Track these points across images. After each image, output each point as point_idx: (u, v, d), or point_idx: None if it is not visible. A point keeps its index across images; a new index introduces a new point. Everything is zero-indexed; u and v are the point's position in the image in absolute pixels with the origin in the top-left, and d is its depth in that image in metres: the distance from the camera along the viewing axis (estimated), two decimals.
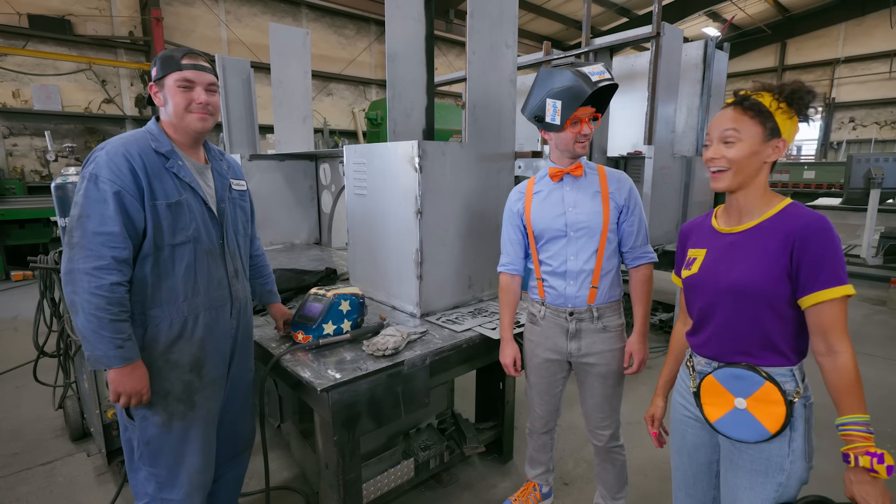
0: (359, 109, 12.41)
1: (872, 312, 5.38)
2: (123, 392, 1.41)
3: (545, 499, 2.31)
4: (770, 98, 1.20)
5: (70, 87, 8.62)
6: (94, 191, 1.38)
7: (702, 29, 15.87)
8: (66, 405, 2.84)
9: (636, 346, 1.86)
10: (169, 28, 9.34)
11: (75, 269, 1.35)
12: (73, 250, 1.36)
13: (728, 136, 1.22)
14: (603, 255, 1.82)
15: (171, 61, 1.49)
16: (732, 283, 1.24)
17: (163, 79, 1.50)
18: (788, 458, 1.22)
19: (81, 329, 1.37)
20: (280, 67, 4.02)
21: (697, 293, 1.35)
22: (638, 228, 1.83)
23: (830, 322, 1.14)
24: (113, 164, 1.40)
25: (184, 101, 1.50)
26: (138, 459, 1.54)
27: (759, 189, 1.25)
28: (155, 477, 1.54)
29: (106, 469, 2.53)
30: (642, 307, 1.87)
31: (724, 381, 1.26)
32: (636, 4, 14.34)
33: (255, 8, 10.67)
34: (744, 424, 1.23)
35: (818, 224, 1.15)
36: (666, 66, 3.87)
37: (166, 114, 1.53)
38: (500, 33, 2.44)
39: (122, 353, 1.37)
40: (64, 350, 2.73)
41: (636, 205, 1.83)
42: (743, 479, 1.28)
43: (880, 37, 15.20)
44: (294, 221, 4.20)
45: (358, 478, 1.85)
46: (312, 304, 1.94)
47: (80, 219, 1.37)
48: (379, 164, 2.40)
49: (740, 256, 1.25)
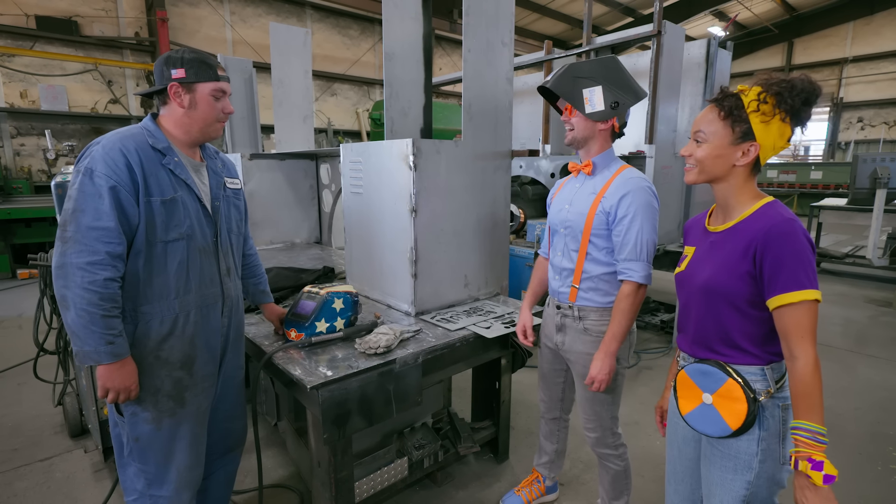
0: (363, 109, 12.43)
1: (878, 314, 5.31)
2: (112, 388, 1.41)
3: (549, 493, 2.32)
4: (754, 97, 1.16)
5: (76, 87, 8.70)
6: (89, 185, 1.37)
7: (708, 28, 15.76)
8: (64, 402, 2.87)
9: (594, 362, 1.74)
10: (174, 29, 9.41)
11: (68, 264, 1.34)
12: (66, 244, 1.36)
13: (697, 136, 1.25)
14: (584, 257, 1.79)
15: (209, 69, 1.52)
16: (703, 282, 1.26)
17: (194, 84, 1.51)
18: (757, 458, 1.22)
19: (71, 324, 1.36)
20: (280, 67, 4.03)
21: (680, 290, 1.37)
22: (624, 241, 1.70)
23: (789, 326, 1.12)
24: (109, 158, 1.39)
25: (216, 110, 1.55)
26: (127, 455, 1.55)
27: (736, 189, 1.24)
28: (144, 473, 1.55)
29: (103, 465, 2.55)
30: (612, 324, 1.72)
31: (694, 376, 1.29)
32: (641, 4, 14.27)
33: (260, 9, 10.72)
34: (709, 419, 1.25)
35: (782, 227, 1.13)
36: (667, 64, 3.85)
37: (178, 114, 1.53)
38: (497, 31, 2.43)
39: (112, 349, 1.37)
40: (63, 347, 2.75)
41: (628, 215, 1.69)
42: (715, 475, 1.30)
43: (889, 36, 15.03)
44: (294, 221, 4.22)
45: (350, 476, 1.85)
46: (306, 301, 1.94)
47: (74, 213, 1.36)
48: (375, 162, 2.40)
49: (715, 256, 1.26)
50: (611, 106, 1.73)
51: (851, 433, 2.91)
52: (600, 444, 1.95)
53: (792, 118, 1.15)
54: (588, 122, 1.76)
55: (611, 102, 1.72)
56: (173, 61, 1.50)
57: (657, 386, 3.56)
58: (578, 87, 1.73)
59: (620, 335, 1.72)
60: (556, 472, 2.31)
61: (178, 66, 1.50)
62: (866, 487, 2.46)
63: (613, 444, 1.95)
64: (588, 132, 1.77)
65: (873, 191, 5.53)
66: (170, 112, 1.55)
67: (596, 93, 1.73)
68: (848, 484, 2.47)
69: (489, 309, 2.40)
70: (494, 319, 2.24)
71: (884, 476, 2.55)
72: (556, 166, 4.52)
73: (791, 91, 1.12)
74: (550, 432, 2.23)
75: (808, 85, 1.13)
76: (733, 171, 1.23)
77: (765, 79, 1.18)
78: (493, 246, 2.60)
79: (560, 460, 2.29)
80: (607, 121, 1.76)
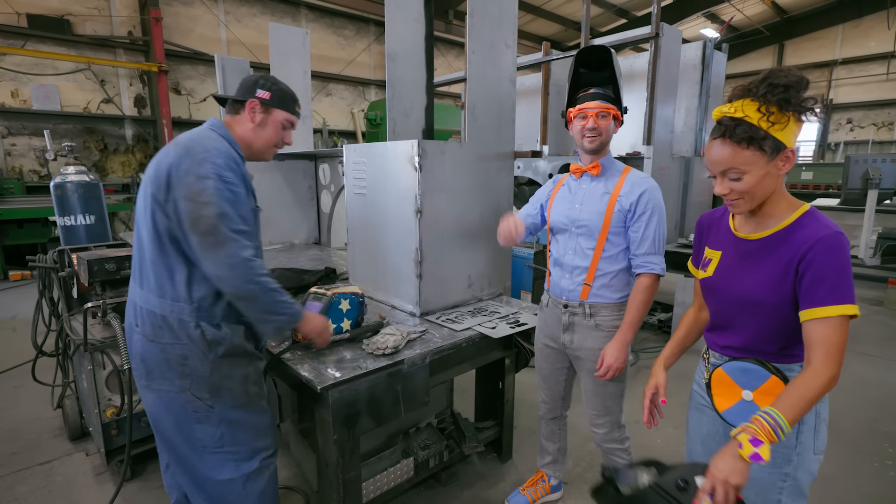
0: (358, 110, 12.39)
1: (870, 313, 5.39)
2: (314, 333, 1.68)
3: (554, 491, 2.34)
4: (756, 110, 1.11)
5: (69, 86, 8.60)
6: (225, 190, 1.43)
7: (700, 30, 15.90)
8: (64, 405, 2.84)
9: (609, 350, 1.80)
10: (168, 28, 9.32)
11: (238, 262, 1.42)
12: (227, 245, 1.41)
13: (729, 174, 1.16)
14: (600, 255, 1.83)
15: (292, 101, 1.67)
16: (745, 294, 1.23)
17: (274, 108, 1.63)
18: (795, 450, 1.24)
19: (264, 308, 1.49)
20: (279, 67, 4.01)
21: (712, 296, 1.35)
22: (643, 236, 1.77)
23: (820, 339, 1.10)
24: (230, 163, 1.49)
25: (279, 136, 1.67)
26: (216, 445, 1.55)
27: (774, 197, 1.21)
28: (234, 454, 1.58)
29: (104, 468, 2.52)
30: (630, 314, 1.80)
31: (733, 374, 1.29)
32: (635, 6, 14.36)
33: (255, 8, 10.65)
34: (749, 415, 1.24)
35: (829, 241, 1.10)
36: (665, 66, 3.88)
37: (247, 128, 1.62)
38: (500, 33, 2.44)
39: (298, 307, 1.59)
40: (63, 349, 2.72)
41: (647, 211, 1.76)
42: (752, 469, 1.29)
43: (878, 38, 15.24)
44: (293, 221, 4.20)
45: (358, 476, 1.85)
46: (312, 302, 1.93)
47: (221, 217, 1.41)
48: (379, 163, 2.40)
49: (753, 267, 1.23)
50: (623, 109, 1.81)
51: (849, 430, 2.95)
52: (608, 438, 1.98)
53: (798, 112, 1.13)
54: (612, 125, 1.81)
55: (624, 106, 1.81)
56: (264, 83, 1.62)
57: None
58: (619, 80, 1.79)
59: (637, 325, 1.80)
60: (560, 470, 2.33)
61: (266, 89, 1.61)
62: (864, 484, 2.50)
63: (620, 437, 1.99)
64: (610, 135, 1.83)
65: (865, 191, 5.60)
66: (239, 123, 1.63)
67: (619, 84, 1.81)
68: (846, 480, 2.51)
69: (493, 309, 2.41)
70: (499, 320, 2.25)
71: (881, 472, 2.59)
72: (553, 167, 4.54)
73: (785, 90, 1.09)
74: (552, 433, 2.26)
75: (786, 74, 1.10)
76: (777, 182, 1.19)
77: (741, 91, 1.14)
78: (497, 246, 2.61)
79: (563, 458, 2.32)
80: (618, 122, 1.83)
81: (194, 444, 1.55)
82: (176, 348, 1.49)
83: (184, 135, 1.53)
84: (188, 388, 1.50)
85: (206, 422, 1.53)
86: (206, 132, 1.55)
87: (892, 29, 10.48)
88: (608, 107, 1.76)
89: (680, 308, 4.38)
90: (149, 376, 1.54)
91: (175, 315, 1.48)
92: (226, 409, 1.54)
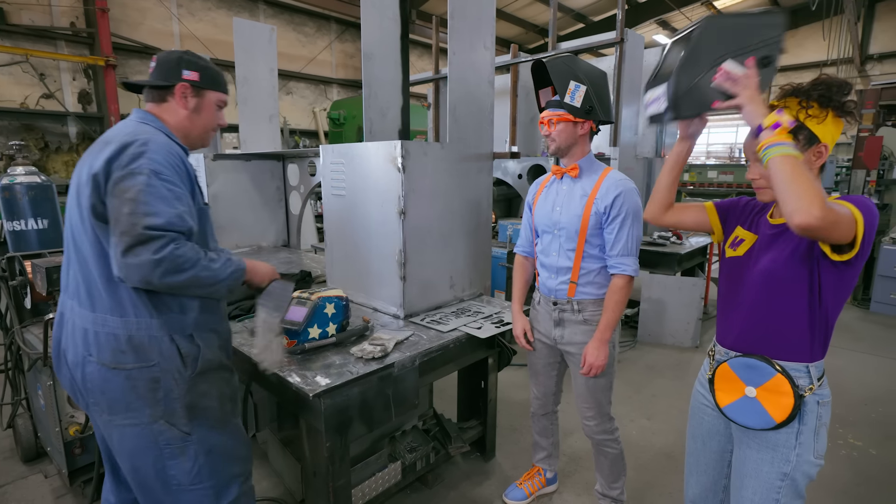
0: (320, 109, 12.13)
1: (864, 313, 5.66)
2: (265, 279, 1.60)
3: (550, 484, 2.41)
4: (797, 106, 1.19)
5: (4, 80, 7.97)
6: (160, 188, 1.29)
7: (653, 36, 16.56)
8: (16, 423, 2.63)
9: (589, 349, 1.87)
10: (115, 20, 8.80)
11: (162, 258, 1.24)
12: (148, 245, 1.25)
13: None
14: (581, 255, 1.90)
15: (221, 81, 1.56)
16: (763, 268, 1.27)
17: (205, 90, 1.51)
18: (795, 451, 1.27)
19: (206, 281, 1.33)
20: (245, 64, 3.88)
21: (731, 276, 1.38)
22: (616, 238, 1.83)
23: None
24: (172, 158, 1.36)
25: (215, 121, 1.57)
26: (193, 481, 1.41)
27: None
28: (213, 488, 1.45)
29: (66, 490, 2.36)
30: (606, 315, 1.86)
31: (737, 370, 1.32)
32: (592, 11, 14.79)
33: (210, 2, 10.24)
34: (751, 412, 1.28)
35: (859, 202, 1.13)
36: (629, 70, 4.02)
37: (181, 116, 1.50)
38: (479, 35, 2.46)
39: (237, 263, 1.45)
40: (14, 364, 2.52)
41: (620, 214, 1.82)
42: (750, 466, 1.33)
43: (812, 48, 16.35)
44: (261, 223, 4.07)
45: (348, 483, 1.82)
46: (296, 307, 1.88)
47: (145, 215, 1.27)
48: (358, 164, 2.36)
49: (777, 246, 1.27)
50: (585, 109, 1.84)
51: None
52: (599, 430, 2.04)
53: (836, 110, 1.18)
54: (568, 130, 1.85)
55: (586, 107, 1.84)
56: (188, 63, 1.48)
57: (628, 378, 3.72)
58: (568, 76, 1.82)
59: (614, 324, 1.87)
60: (555, 463, 2.41)
61: (193, 69, 1.48)
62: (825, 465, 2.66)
63: (610, 428, 2.06)
64: (570, 140, 1.88)
65: None
66: (170, 111, 1.49)
67: (580, 90, 1.83)
68: None
69: (476, 309, 2.42)
70: (483, 319, 2.26)
71: (833, 451, 2.78)
72: (523, 167, 4.60)
73: (830, 90, 1.16)
74: (544, 428, 2.31)
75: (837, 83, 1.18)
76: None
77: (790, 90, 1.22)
78: (477, 246, 2.63)
79: (556, 451, 2.40)
80: (585, 125, 1.86)
81: (168, 483, 1.39)
82: (143, 372, 1.32)
83: (113, 131, 1.38)
84: (161, 415, 1.34)
85: (181, 455, 1.39)
86: (137, 126, 1.39)
87: (825, 39, 11.32)
88: (557, 114, 1.84)
89: (646, 304, 4.55)
90: (112, 411, 1.34)
91: (143, 332, 1.32)
92: (203, 434, 1.41)
